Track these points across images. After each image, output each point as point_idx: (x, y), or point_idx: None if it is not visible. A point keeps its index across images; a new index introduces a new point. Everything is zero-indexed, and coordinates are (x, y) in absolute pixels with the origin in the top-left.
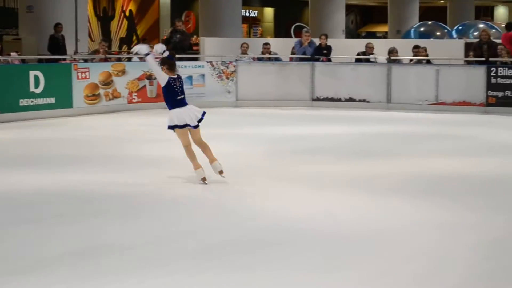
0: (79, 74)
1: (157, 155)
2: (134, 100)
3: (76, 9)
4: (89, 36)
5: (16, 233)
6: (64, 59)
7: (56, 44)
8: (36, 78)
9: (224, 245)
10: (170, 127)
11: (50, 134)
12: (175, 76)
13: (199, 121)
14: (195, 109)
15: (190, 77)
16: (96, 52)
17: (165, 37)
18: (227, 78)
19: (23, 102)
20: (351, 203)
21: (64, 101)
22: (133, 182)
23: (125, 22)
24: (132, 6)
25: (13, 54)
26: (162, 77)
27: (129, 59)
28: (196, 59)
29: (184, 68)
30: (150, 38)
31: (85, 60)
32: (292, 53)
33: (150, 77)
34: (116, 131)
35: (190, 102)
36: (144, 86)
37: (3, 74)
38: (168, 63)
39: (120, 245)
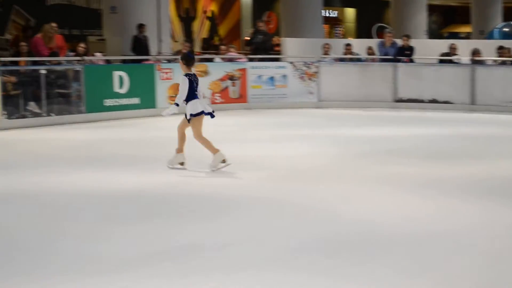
0: (163, 74)
1: (239, 155)
2: (216, 101)
3: (159, 10)
4: (172, 36)
5: (102, 233)
6: (148, 60)
7: (140, 45)
8: (121, 78)
9: (303, 247)
10: (193, 115)
11: (134, 134)
12: (192, 73)
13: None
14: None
15: (272, 78)
16: (179, 52)
17: (247, 38)
18: (309, 79)
19: (108, 102)
20: (429, 204)
21: (148, 101)
22: (214, 183)
23: (207, 23)
24: (213, 7)
25: (97, 54)
26: (185, 85)
27: (211, 60)
28: (278, 60)
29: (265, 69)
30: (231, 38)
31: (168, 61)
32: (368, 53)
33: (232, 77)
34: None
35: (272, 103)
36: (227, 87)
37: (88, 75)
38: (185, 59)
39: (205, 245)
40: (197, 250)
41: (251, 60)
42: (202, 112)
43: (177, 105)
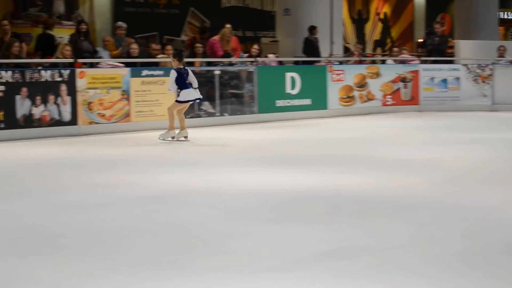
0: (334, 76)
1: (408, 157)
2: (388, 103)
3: (332, 12)
4: (344, 38)
5: (272, 231)
6: (319, 61)
7: (311, 47)
8: (293, 79)
9: (477, 251)
10: (182, 101)
11: (305, 134)
12: (182, 67)
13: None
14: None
15: (444, 80)
16: (351, 54)
17: (420, 40)
18: (483, 82)
19: (280, 103)
20: None
21: (319, 102)
22: (383, 185)
23: (379, 25)
24: (386, 9)
25: (270, 56)
26: (173, 77)
27: (383, 62)
28: (451, 62)
29: (438, 71)
30: (403, 41)
31: (340, 63)
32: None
33: (404, 79)
34: (369, 133)
35: (444, 105)
36: (399, 88)
37: (261, 76)
38: (177, 56)
39: (375, 247)
40: (363, 251)
41: (423, 62)
42: (188, 101)
43: (170, 90)
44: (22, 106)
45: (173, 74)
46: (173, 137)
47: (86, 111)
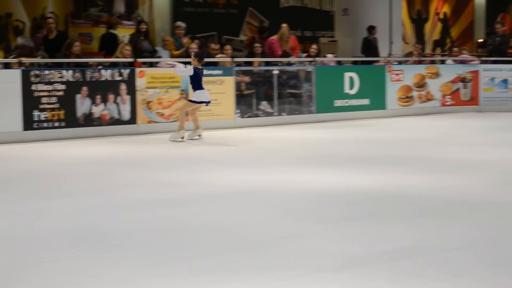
0: (393, 76)
1: (467, 158)
2: (447, 103)
3: (391, 11)
4: (403, 38)
5: (328, 231)
6: (378, 61)
7: (369, 47)
8: (351, 79)
9: None
10: (195, 102)
11: (363, 134)
12: (200, 67)
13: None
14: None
15: (505, 81)
16: (410, 54)
17: (480, 40)
18: None
19: (338, 102)
20: None
21: (378, 102)
22: (441, 184)
23: (439, 25)
24: (446, 8)
25: (329, 55)
26: (189, 71)
27: (443, 62)
28: (511, 62)
29: (499, 71)
30: (463, 41)
31: (399, 63)
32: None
33: (464, 80)
34: (427, 133)
35: (505, 106)
36: (458, 89)
37: (320, 75)
38: (198, 56)
39: (434, 248)
40: (420, 252)
41: (483, 62)
42: (202, 102)
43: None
44: (82, 105)
45: (191, 70)
46: (182, 138)
47: (145, 110)
